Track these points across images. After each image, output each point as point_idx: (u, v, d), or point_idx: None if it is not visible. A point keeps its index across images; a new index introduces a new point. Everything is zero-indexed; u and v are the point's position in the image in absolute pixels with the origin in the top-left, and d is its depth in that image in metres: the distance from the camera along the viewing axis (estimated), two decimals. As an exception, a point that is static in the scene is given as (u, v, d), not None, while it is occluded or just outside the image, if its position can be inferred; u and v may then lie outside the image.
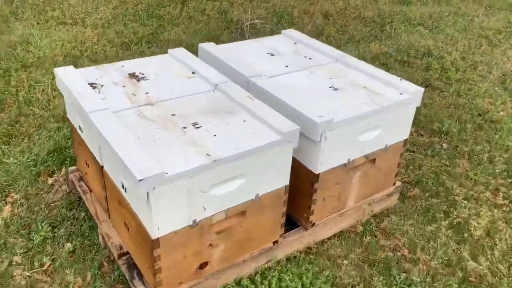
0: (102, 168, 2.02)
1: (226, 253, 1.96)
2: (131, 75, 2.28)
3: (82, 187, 2.44)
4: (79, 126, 2.17)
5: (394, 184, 2.57)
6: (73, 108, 2.21)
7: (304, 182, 2.15)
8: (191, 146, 1.75)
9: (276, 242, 2.13)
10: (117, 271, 2.09)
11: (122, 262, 2.03)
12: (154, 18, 5.17)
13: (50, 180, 2.62)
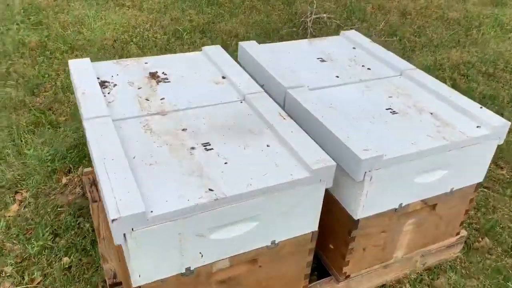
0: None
1: (231, 304, 1.60)
2: (152, 74, 1.97)
3: (93, 193, 2.18)
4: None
5: (458, 233, 2.06)
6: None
7: (339, 226, 1.73)
8: (194, 175, 1.40)
9: (297, 295, 1.74)
10: (109, 301, 1.81)
11: (113, 293, 1.74)
12: (214, 6, 4.86)
13: (65, 180, 2.40)
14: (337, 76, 2.06)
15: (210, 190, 1.34)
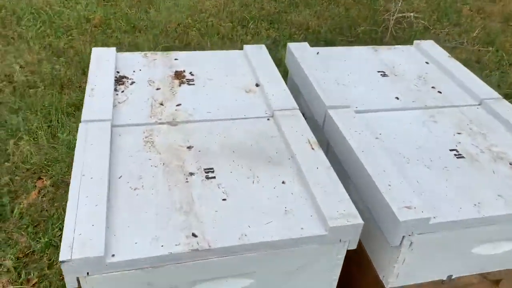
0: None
1: None
2: (177, 74, 1.72)
3: (109, 192, 2.01)
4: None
5: (528, 315, 1.62)
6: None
7: (367, 288, 1.39)
8: (181, 211, 1.14)
9: None
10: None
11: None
12: (291, -6, 4.53)
13: (89, 172, 2.27)
14: (396, 98, 1.67)
15: (193, 235, 1.07)
